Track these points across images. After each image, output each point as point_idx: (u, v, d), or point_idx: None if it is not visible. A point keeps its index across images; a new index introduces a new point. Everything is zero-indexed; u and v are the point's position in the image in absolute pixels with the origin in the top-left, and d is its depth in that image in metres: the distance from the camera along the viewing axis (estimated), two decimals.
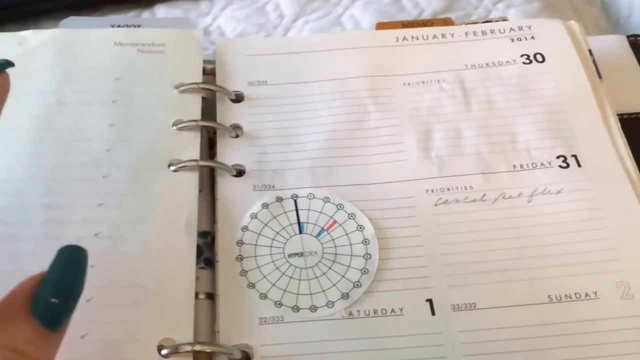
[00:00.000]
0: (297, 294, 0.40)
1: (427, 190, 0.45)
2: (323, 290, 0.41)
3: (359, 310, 0.40)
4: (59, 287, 0.30)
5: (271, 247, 0.42)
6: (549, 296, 0.40)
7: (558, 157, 0.46)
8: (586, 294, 0.40)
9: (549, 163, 0.46)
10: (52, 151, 0.45)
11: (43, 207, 0.43)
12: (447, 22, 0.55)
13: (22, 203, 0.43)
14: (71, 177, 0.44)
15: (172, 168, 0.45)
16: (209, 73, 0.51)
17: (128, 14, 0.59)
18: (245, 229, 0.43)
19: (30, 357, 0.29)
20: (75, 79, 0.49)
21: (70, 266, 0.31)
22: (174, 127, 0.47)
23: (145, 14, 0.59)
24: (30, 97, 0.48)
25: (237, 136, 0.47)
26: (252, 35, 0.58)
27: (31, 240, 0.41)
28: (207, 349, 0.38)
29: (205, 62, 0.51)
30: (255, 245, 0.42)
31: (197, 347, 0.38)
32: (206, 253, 0.43)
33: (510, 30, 0.53)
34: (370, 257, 0.42)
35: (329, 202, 0.44)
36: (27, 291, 0.30)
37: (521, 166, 0.46)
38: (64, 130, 0.46)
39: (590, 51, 0.51)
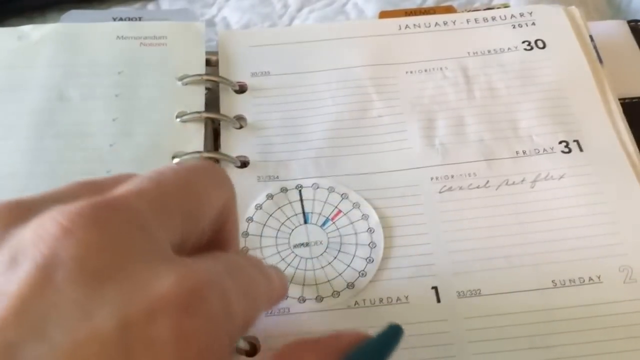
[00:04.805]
0: (303, 284, 0.41)
1: (431, 178, 0.45)
2: (329, 280, 0.41)
3: (364, 300, 0.40)
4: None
5: (276, 237, 0.43)
6: (553, 281, 0.40)
7: (560, 142, 0.46)
8: (590, 279, 0.40)
9: (552, 148, 0.46)
10: (55, 147, 0.46)
11: None
12: (449, 9, 0.55)
13: None
14: (74, 173, 0.44)
15: (175, 160, 0.45)
16: (214, 65, 0.51)
17: (133, 6, 0.59)
18: (250, 220, 0.43)
19: None
20: (77, 73, 0.49)
21: (390, 346, 0.31)
22: (178, 119, 0.47)
23: (150, 6, 0.59)
24: (32, 92, 0.48)
25: (240, 127, 0.48)
26: (257, 25, 0.58)
27: None
28: None
29: (209, 53, 0.51)
30: (261, 236, 0.43)
31: None
32: None
33: (512, 17, 0.53)
34: (376, 245, 0.42)
35: (334, 191, 0.44)
36: (344, 343, 0.29)
37: (524, 152, 0.46)
38: (66, 125, 0.47)
39: (591, 37, 0.51)
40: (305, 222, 0.43)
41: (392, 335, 0.31)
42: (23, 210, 0.25)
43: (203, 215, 0.29)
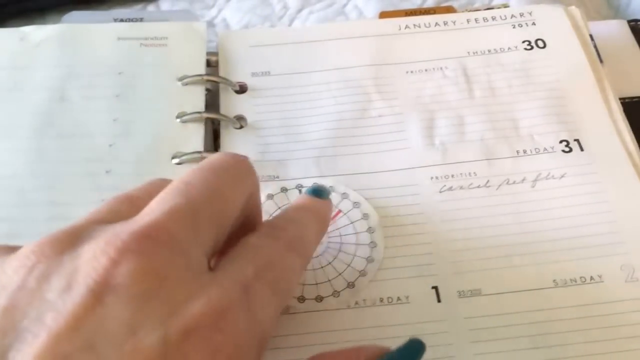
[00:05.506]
0: (303, 284, 0.40)
1: (431, 178, 0.45)
2: (329, 280, 0.41)
3: (365, 300, 0.40)
4: None
5: None
6: (554, 280, 0.40)
7: (561, 141, 0.46)
8: (591, 278, 0.40)
9: (552, 148, 0.46)
10: (55, 147, 0.46)
11: (46, 204, 0.43)
12: (449, 9, 0.55)
13: (25, 199, 0.43)
14: (74, 173, 0.44)
15: (175, 160, 0.45)
16: (214, 65, 0.51)
17: (133, 7, 0.59)
18: None
19: None
20: (78, 74, 0.49)
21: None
22: (178, 120, 0.47)
23: (151, 7, 0.59)
24: (33, 93, 0.48)
25: (240, 127, 0.47)
26: (257, 26, 0.58)
27: (35, 236, 0.41)
28: None
29: (210, 54, 0.52)
30: None
31: None
32: None
33: (512, 17, 0.53)
34: (376, 245, 0.42)
35: (334, 191, 0.44)
36: (364, 357, 0.30)
37: (524, 151, 0.46)
38: (67, 126, 0.47)
39: (591, 36, 0.51)
40: None
41: (414, 349, 0.31)
42: (72, 239, 0.28)
43: (232, 215, 0.32)
